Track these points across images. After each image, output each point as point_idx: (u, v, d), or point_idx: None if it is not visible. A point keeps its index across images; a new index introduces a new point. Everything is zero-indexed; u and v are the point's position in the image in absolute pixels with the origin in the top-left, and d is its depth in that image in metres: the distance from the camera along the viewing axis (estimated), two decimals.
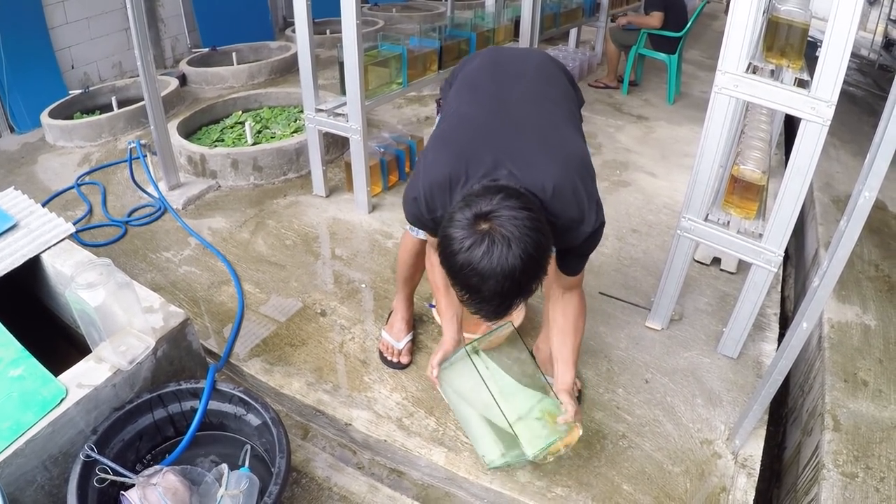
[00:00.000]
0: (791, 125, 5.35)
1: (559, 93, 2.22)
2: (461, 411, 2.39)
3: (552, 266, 1.99)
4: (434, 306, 2.94)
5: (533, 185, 1.86)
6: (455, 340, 2.37)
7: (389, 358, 2.86)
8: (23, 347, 2.28)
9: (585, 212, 1.95)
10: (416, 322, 3.05)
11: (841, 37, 2.01)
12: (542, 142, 1.98)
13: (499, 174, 1.88)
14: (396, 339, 2.89)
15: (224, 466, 2.08)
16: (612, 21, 7.67)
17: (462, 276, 1.70)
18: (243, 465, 2.13)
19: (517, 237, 1.65)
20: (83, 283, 2.06)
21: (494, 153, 1.92)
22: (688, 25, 6.39)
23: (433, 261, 2.20)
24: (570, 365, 2.32)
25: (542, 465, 2.30)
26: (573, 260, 2.18)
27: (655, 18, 6.34)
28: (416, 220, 2.09)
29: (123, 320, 2.22)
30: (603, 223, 2.03)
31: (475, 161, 1.92)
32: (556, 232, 1.89)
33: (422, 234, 2.49)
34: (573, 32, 7.95)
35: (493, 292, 1.69)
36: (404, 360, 2.84)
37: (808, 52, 2.54)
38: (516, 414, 2.25)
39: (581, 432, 2.19)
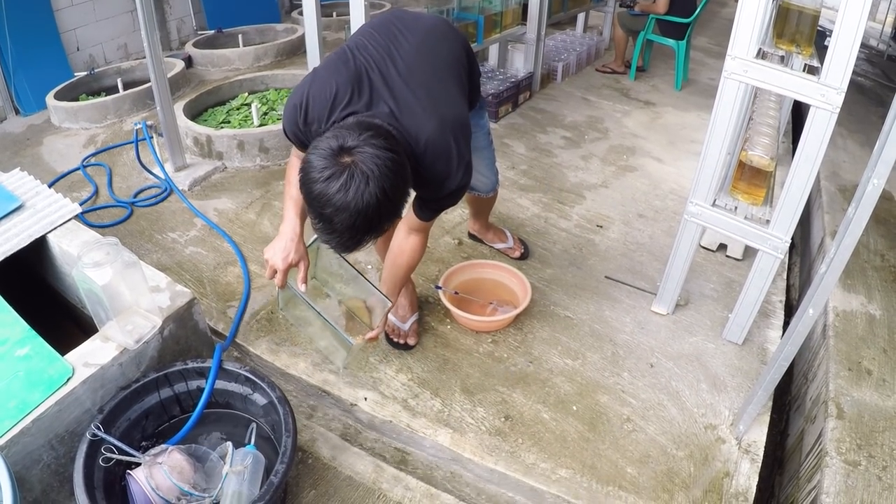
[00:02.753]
0: (799, 114, 5.33)
1: (450, 54, 2.30)
2: (307, 331, 2.66)
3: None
4: (440, 287, 2.94)
5: (408, 132, 1.98)
6: (295, 233, 2.39)
7: (395, 339, 2.86)
8: (29, 327, 2.29)
9: (453, 169, 2.09)
10: (421, 303, 3.06)
11: (852, 22, 2.00)
12: (426, 94, 2.07)
13: (378, 110, 1.97)
14: (402, 320, 2.89)
15: (228, 444, 2.09)
16: (621, 6, 7.64)
17: (317, 205, 1.77)
18: (249, 443, 2.14)
19: (376, 176, 1.74)
20: (90, 262, 2.06)
21: (381, 88, 2.02)
22: (696, 11, 6.35)
23: (294, 170, 2.23)
24: (388, 289, 2.57)
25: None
26: (428, 209, 2.27)
27: (661, 4, 6.31)
28: (292, 127, 2.14)
29: (130, 300, 2.23)
30: (467, 184, 2.15)
31: (362, 87, 2.00)
32: (421, 181, 2.01)
33: None
34: (581, 17, 7.91)
35: (345, 226, 1.77)
36: (411, 341, 2.85)
37: (818, 41, 2.53)
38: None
39: (365, 341, 2.49)
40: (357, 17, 3.45)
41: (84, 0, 6.28)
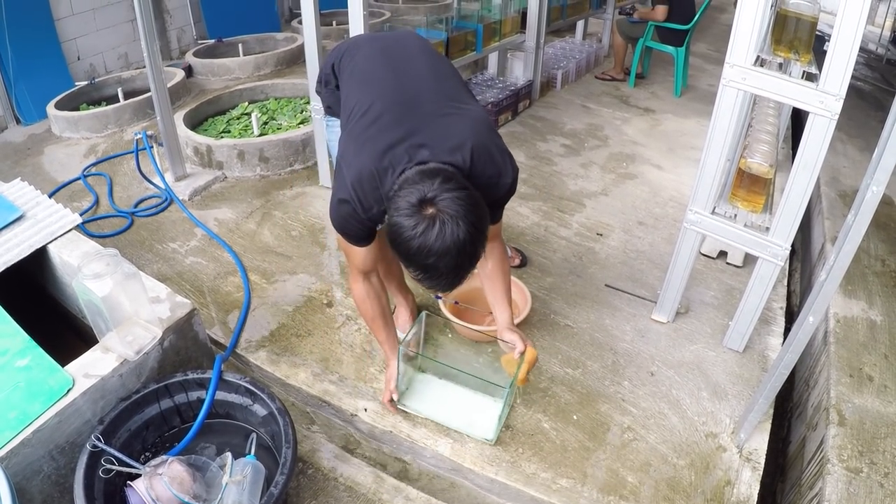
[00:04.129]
0: (798, 119, 5.33)
1: (446, 67, 2.39)
2: (436, 412, 2.56)
3: None
4: (440, 297, 2.94)
5: (452, 156, 2.01)
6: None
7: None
8: (30, 338, 2.29)
9: (501, 166, 2.14)
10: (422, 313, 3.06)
11: (850, 29, 2.00)
12: (449, 114, 2.13)
13: (421, 156, 1.98)
14: (403, 331, 2.89)
15: (228, 454, 2.09)
16: (620, 13, 7.65)
17: (419, 258, 1.84)
18: (249, 453, 2.14)
19: (462, 215, 1.81)
20: (90, 274, 2.07)
21: (411, 137, 2.03)
22: (695, 18, 6.36)
23: (361, 294, 2.41)
24: (505, 304, 2.50)
25: (531, 422, 2.32)
26: (494, 210, 2.26)
27: (659, 12, 6.32)
28: (348, 223, 2.14)
29: (130, 311, 2.23)
30: (517, 170, 2.19)
31: (396, 149, 2.01)
32: (481, 192, 1.98)
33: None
34: (580, 24, 7.94)
35: (450, 267, 1.85)
36: (412, 350, 2.84)
37: (816, 46, 2.54)
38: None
39: (535, 351, 2.41)
40: (356, 26, 3.45)
41: (85, 10, 6.29)
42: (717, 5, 12.22)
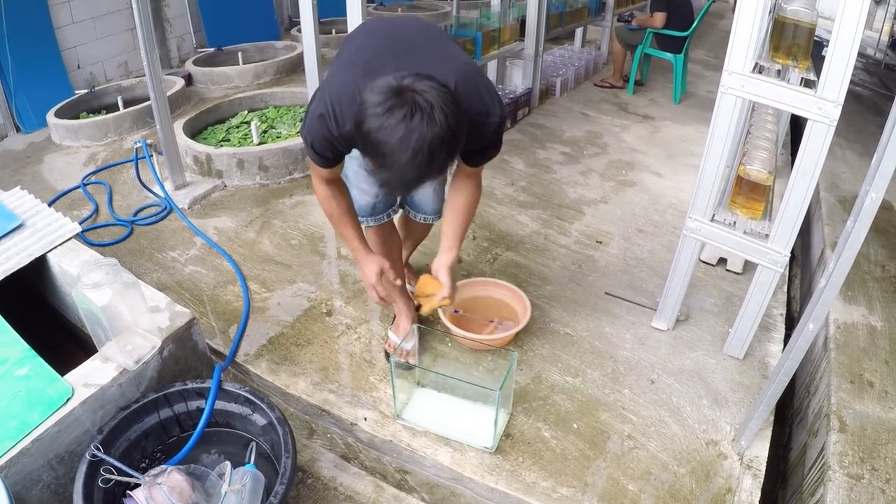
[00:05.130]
0: (797, 124, 5.34)
1: (439, 32, 2.39)
2: (436, 424, 2.55)
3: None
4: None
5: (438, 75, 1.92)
6: (379, 264, 2.43)
7: (400, 359, 2.85)
8: (29, 347, 2.29)
9: (489, 105, 2.10)
10: (421, 321, 3.05)
11: (848, 36, 2.01)
12: (439, 55, 2.14)
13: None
14: (402, 335, 2.89)
15: (227, 464, 2.08)
16: (618, 20, 7.67)
17: (379, 140, 1.71)
18: (249, 462, 2.13)
19: (439, 105, 1.70)
20: (89, 283, 2.07)
21: (397, 67, 1.94)
22: (693, 25, 6.38)
23: (325, 194, 2.36)
24: (455, 242, 2.43)
25: (530, 448, 2.32)
26: (478, 155, 2.29)
27: (657, 19, 6.34)
28: (323, 138, 2.10)
29: (129, 320, 2.23)
30: (505, 115, 2.17)
31: (381, 71, 1.94)
32: (469, 126, 1.92)
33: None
34: (579, 32, 7.96)
35: (408, 159, 1.71)
36: (412, 360, 2.83)
37: (815, 51, 2.54)
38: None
39: (451, 300, 2.44)
40: None
41: (85, 18, 6.30)
42: (716, 11, 12.28)
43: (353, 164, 2.53)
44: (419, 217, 2.90)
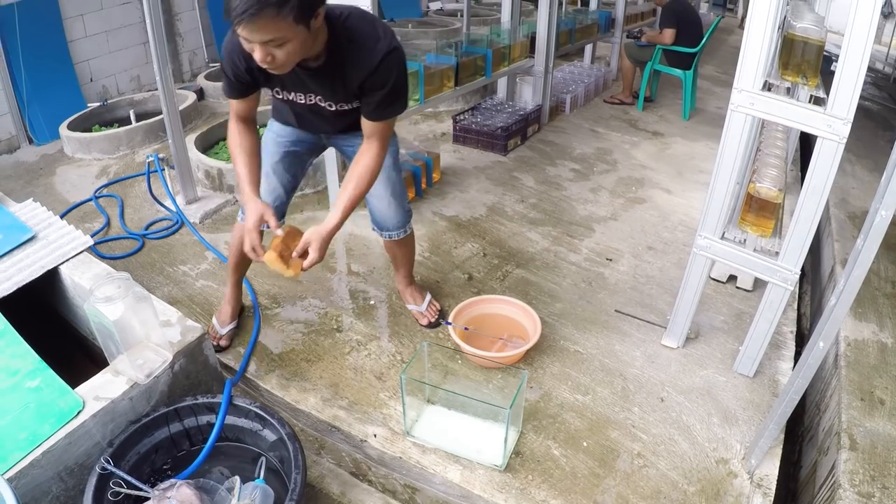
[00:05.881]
0: (806, 140, 5.34)
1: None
2: (445, 441, 2.54)
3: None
4: (450, 323, 2.95)
5: (333, 10, 2.13)
6: (259, 209, 2.40)
7: (213, 342, 2.95)
8: (40, 359, 2.30)
9: (380, 32, 2.19)
10: (431, 338, 3.06)
11: (856, 54, 2.01)
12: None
13: None
14: (221, 324, 3.04)
15: (236, 478, 2.09)
16: (628, 37, 7.69)
17: None
18: (258, 477, 2.13)
19: None
20: (102, 297, 2.08)
21: None
22: (703, 41, 6.39)
23: (233, 130, 2.48)
24: (338, 212, 2.38)
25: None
26: (376, 101, 2.31)
27: (667, 35, 6.36)
28: (228, 58, 2.23)
29: (141, 334, 2.24)
30: (396, 48, 2.19)
31: None
32: (355, 49, 2.16)
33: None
34: (588, 48, 7.99)
35: None
36: (223, 343, 3.01)
37: (823, 66, 2.54)
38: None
39: (298, 271, 2.36)
40: None
41: (98, 32, 6.34)
42: (725, 27, 12.30)
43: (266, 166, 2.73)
44: (383, 235, 2.97)
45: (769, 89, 2.37)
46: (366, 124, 2.39)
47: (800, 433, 2.98)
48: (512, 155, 5.44)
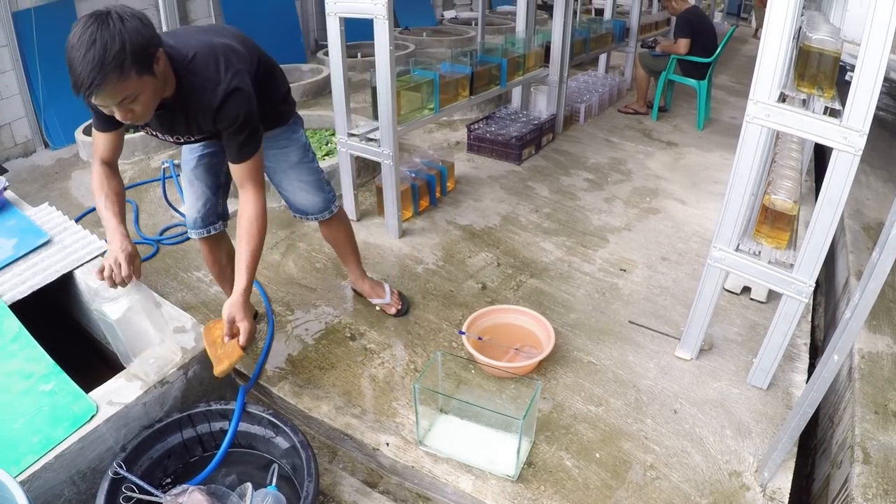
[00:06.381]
0: (821, 151, 5.32)
1: (243, 37, 2.55)
2: (458, 451, 2.54)
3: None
4: (464, 333, 2.95)
5: (179, 50, 2.17)
6: (123, 247, 2.37)
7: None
8: (54, 363, 2.31)
9: (221, 74, 2.20)
10: (444, 348, 3.06)
11: (872, 66, 2.01)
12: (209, 34, 2.34)
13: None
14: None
15: (248, 485, 2.09)
16: (642, 46, 7.69)
17: (70, 50, 1.88)
18: (270, 483, 2.14)
19: (118, 16, 1.89)
20: (106, 297, 2.10)
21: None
22: (717, 51, 6.38)
23: (94, 175, 2.56)
24: (242, 273, 2.34)
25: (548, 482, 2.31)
26: (231, 143, 2.34)
27: (681, 45, 6.35)
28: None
29: (155, 339, 2.25)
30: (238, 88, 2.21)
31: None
32: (198, 93, 2.20)
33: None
34: (603, 58, 8.00)
35: (71, 46, 1.87)
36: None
37: (838, 76, 2.53)
38: None
39: (241, 353, 2.23)
40: (382, 62, 3.49)
41: None
42: (739, 37, 12.29)
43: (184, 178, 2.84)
44: (305, 219, 3.07)
45: (784, 101, 2.36)
46: (233, 170, 2.41)
47: (812, 446, 2.97)
48: (526, 164, 5.44)
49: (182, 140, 2.50)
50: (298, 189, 2.93)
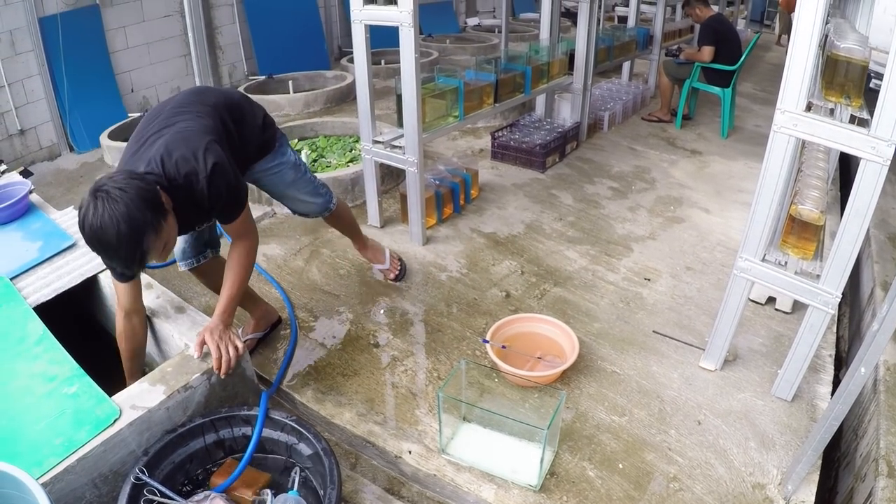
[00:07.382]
0: (846, 159, 5.28)
1: (198, 100, 2.56)
2: (480, 460, 2.53)
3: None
4: (487, 341, 2.94)
5: (153, 171, 2.22)
6: None
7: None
8: (78, 366, 2.33)
9: (197, 162, 2.24)
10: (468, 355, 3.05)
11: None
12: (153, 136, 2.34)
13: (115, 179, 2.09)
14: (244, 333, 3.20)
15: (268, 491, 2.10)
16: (666, 54, 7.66)
17: (87, 239, 2.01)
18: (292, 488, 2.14)
19: (117, 195, 1.97)
20: None
21: (134, 157, 2.32)
22: (741, 59, 6.35)
23: (119, 328, 2.58)
24: (223, 303, 2.49)
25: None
26: (223, 213, 2.46)
27: (705, 53, 6.33)
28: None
29: (179, 344, 2.25)
30: (215, 163, 2.25)
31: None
32: (190, 192, 2.25)
33: None
34: (626, 66, 7.98)
35: (109, 243, 1.98)
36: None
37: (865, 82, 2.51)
38: None
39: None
40: (408, 70, 3.49)
41: (139, 43, 6.44)
42: (762, 44, 12.23)
43: None
44: (320, 216, 3.33)
45: (810, 109, 2.34)
46: (226, 229, 2.53)
47: (836, 458, 2.94)
48: (550, 172, 5.44)
49: (197, 230, 2.73)
50: (297, 200, 3.13)
